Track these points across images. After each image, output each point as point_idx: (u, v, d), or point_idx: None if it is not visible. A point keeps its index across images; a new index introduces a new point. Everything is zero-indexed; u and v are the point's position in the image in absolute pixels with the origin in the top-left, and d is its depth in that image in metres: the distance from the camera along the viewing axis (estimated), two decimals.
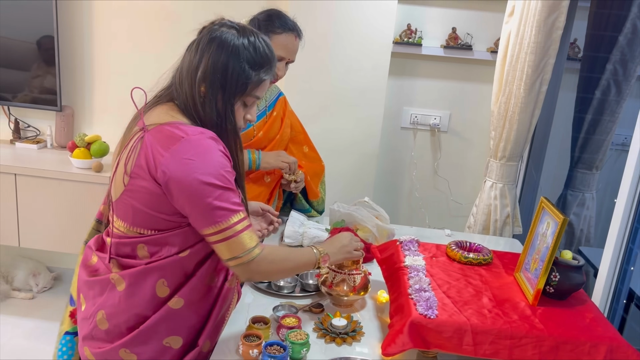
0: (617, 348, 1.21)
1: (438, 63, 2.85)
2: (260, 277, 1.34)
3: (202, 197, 1.17)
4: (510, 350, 1.21)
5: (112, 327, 1.28)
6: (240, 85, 1.24)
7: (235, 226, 1.20)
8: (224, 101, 1.25)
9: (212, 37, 1.24)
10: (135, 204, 1.24)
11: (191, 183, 1.17)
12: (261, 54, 1.27)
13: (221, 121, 1.26)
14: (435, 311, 1.25)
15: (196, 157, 1.18)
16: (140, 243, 1.27)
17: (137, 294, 1.26)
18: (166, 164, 1.17)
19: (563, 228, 1.30)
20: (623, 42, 2.49)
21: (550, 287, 1.37)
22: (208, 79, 1.23)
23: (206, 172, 1.17)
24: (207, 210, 1.18)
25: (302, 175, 2.00)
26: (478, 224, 2.60)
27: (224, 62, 1.22)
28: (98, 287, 1.32)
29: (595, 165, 2.74)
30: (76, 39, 2.89)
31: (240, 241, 1.21)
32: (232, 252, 1.21)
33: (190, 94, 1.25)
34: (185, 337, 1.31)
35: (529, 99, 2.34)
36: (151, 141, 1.20)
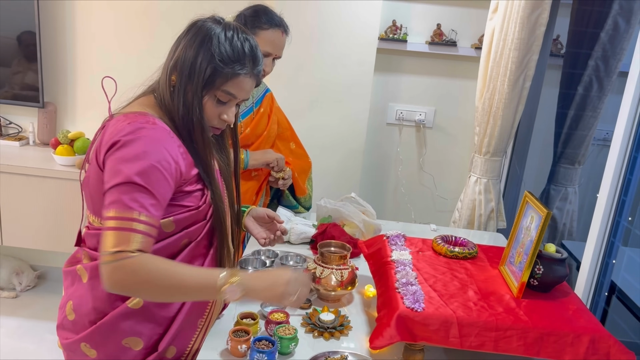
0: (600, 338, 1.23)
1: (423, 59, 2.87)
2: (120, 288, 1.10)
3: (112, 179, 1.11)
4: (496, 342, 1.23)
5: (77, 319, 1.27)
6: (208, 77, 1.19)
7: (127, 222, 1.09)
8: (192, 93, 1.20)
9: (192, 27, 1.23)
10: (91, 192, 1.23)
11: (114, 162, 1.13)
12: (237, 48, 1.21)
13: (189, 115, 1.21)
14: (422, 304, 1.26)
15: (130, 141, 1.13)
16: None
17: (98, 287, 1.21)
18: (106, 146, 1.15)
19: (547, 222, 1.32)
20: (605, 38, 2.53)
21: (534, 280, 1.39)
22: (178, 67, 1.20)
23: (131, 157, 1.12)
24: (111, 193, 1.11)
25: (290, 172, 2.00)
26: (463, 219, 2.62)
27: (195, 50, 1.19)
28: (70, 278, 1.32)
29: (577, 160, 2.78)
30: (58, 34, 2.86)
31: (122, 236, 1.09)
32: (111, 244, 1.08)
33: (163, 84, 1.23)
34: (145, 340, 1.27)
35: (513, 95, 2.37)
36: (107, 128, 1.19)
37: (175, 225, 1.24)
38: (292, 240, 1.96)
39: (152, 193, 1.13)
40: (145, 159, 1.13)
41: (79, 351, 1.27)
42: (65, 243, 2.71)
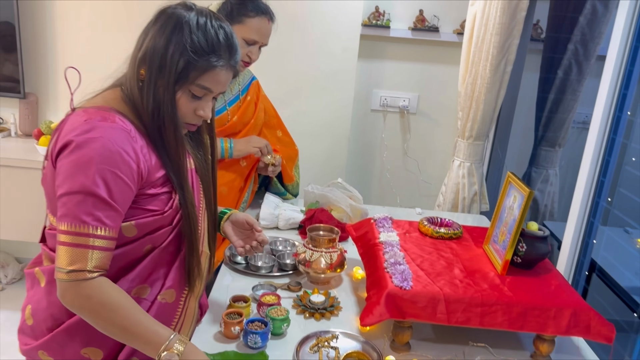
0: (580, 311, 1.28)
1: (406, 45, 2.89)
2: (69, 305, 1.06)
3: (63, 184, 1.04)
4: (482, 317, 1.28)
5: (35, 324, 1.20)
6: (181, 70, 1.09)
7: (82, 237, 1.03)
8: (164, 88, 1.10)
9: (162, 13, 1.13)
10: (49, 191, 1.14)
11: (66, 167, 1.04)
12: (211, 38, 1.11)
13: (159, 111, 1.11)
14: (410, 283, 1.30)
15: (84, 142, 1.04)
16: None
17: (54, 293, 1.11)
18: (60, 143, 1.06)
19: (529, 200, 1.37)
20: (583, 22, 2.58)
21: (517, 257, 1.43)
22: (147, 61, 1.10)
23: (84, 162, 1.03)
24: (63, 201, 1.04)
25: (280, 159, 2.02)
26: (447, 202, 2.67)
27: (165, 40, 1.09)
28: (30, 280, 1.24)
29: (558, 142, 2.84)
30: (37, 24, 2.82)
31: (78, 254, 1.02)
32: (65, 262, 1.02)
33: (131, 78, 1.13)
34: (106, 351, 1.17)
35: (495, 80, 2.41)
36: (65, 124, 1.11)
37: (137, 230, 1.14)
38: (280, 226, 1.98)
39: (109, 203, 1.05)
40: (101, 163, 1.04)
41: (36, 359, 1.19)
42: None
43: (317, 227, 1.69)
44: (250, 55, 1.83)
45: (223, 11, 1.79)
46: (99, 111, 1.09)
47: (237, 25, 1.78)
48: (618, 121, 1.76)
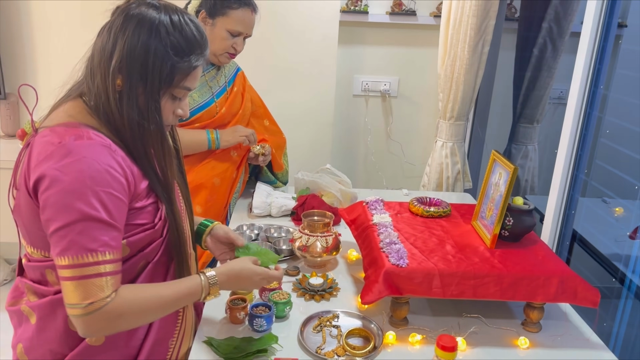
0: (567, 279, 1.36)
1: (384, 30, 2.94)
2: (101, 333, 1.04)
3: (58, 218, 0.97)
4: (475, 289, 1.34)
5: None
6: (166, 76, 1.04)
7: (87, 267, 0.96)
8: (147, 96, 1.04)
9: (127, 17, 1.04)
10: (25, 222, 1.07)
11: (52, 197, 0.97)
12: (189, 36, 1.06)
13: (144, 121, 1.05)
14: (405, 260, 1.36)
15: (67, 167, 0.97)
16: (47, 268, 1.09)
17: (49, 328, 1.09)
18: (35, 172, 0.99)
19: (514, 176, 1.43)
20: (556, 1, 2.65)
21: (505, 231, 1.50)
22: (125, 68, 1.02)
23: (72, 188, 0.96)
24: (60, 236, 0.97)
25: (269, 148, 2.06)
26: (432, 182, 2.74)
27: (143, 46, 1.02)
28: (16, 317, 1.18)
29: (536, 119, 2.92)
30: (14, 24, 2.79)
31: (92, 286, 0.96)
32: (78, 297, 0.96)
33: (103, 89, 1.04)
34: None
35: (473, 60, 2.47)
36: (33, 147, 1.02)
37: (129, 249, 1.09)
38: (273, 213, 2.02)
39: (111, 224, 1.00)
40: (93, 186, 0.98)
41: None
42: None
43: (312, 213, 1.74)
44: (235, 46, 1.86)
45: (205, 5, 1.81)
46: (69, 129, 1.02)
47: (220, 17, 1.81)
48: (594, 96, 1.84)
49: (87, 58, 1.11)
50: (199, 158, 1.92)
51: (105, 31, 1.07)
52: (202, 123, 1.90)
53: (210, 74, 1.94)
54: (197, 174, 1.90)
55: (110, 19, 1.09)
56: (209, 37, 1.80)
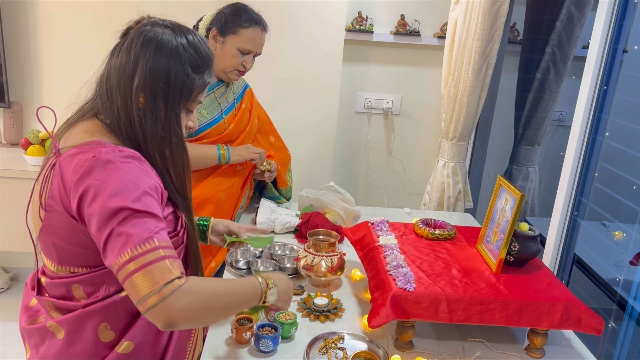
0: (572, 306, 1.37)
1: (388, 49, 2.97)
2: (183, 320, 0.99)
3: (111, 222, 0.99)
4: (481, 315, 1.35)
5: None
6: (186, 92, 1.12)
7: (149, 254, 0.99)
8: (168, 111, 1.11)
9: (146, 38, 1.10)
10: (57, 241, 1.09)
11: (101, 207, 1.00)
12: (203, 55, 1.14)
13: (166, 134, 1.11)
14: (413, 284, 1.37)
15: (108, 177, 1.01)
16: (75, 283, 1.11)
17: (78, 341, 1.11)
18: (76, 191, 1.02)
19: (521, 203, 1.45)
20: (560, 27, 2.69)
21: (510, 256, 1.51)
22: (148, 88, 1.08)
23: (117, 192, 1.00)
24: (115, 236, 0.99)
25: (276, 165, 2.07)
26: (433, 201, 2.76)
27: (165, 67, 1.09)
28: (38, 336, 1.17)
29: (537, 141, 2.95)
30: (21, 33, 2.80)
31: (156, 271, 0.98)
32: (147, 286, 0.97)
33: (123, 107, 1.10)
34: None
35: (477, 83, 2.50)
36: (62, 167, 1.05)
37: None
38: (277, 230, 2.03)
39: (156, 216, 1.04)
40: (134, 189, 1.02)
41: None
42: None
43: (317, 232, 1.75)
44: (244, 64, 1.88)
45: (217, 22, 1.83)
46: (96, 146, 1.06)
47: (231, 35, 1.82)
48: (598, 121, 1.87)
49: (97, 78, 1.16)
50: (206, 173, 1.93)
51: (122, 52, 1.11)
52: (211, 139, 1.91)
53: (219, 91, 1.96)
54: (203, 188, 1.91)
55: (122, 39, 1.14)
56: (219, 54, 1.83)
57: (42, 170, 1.12)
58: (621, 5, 1.79)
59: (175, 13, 1.38)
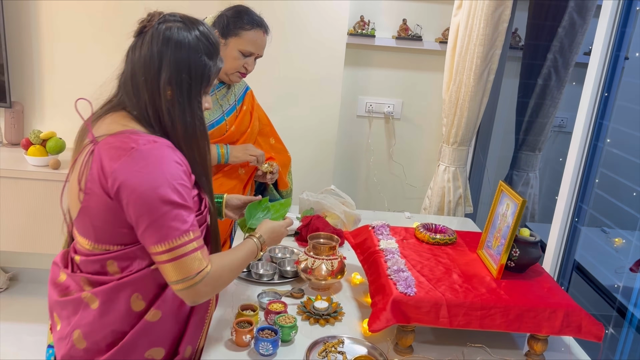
0: (572, 312, 1.37)
1: (390, 53, 2.97)
2: (207, 297, 1.21)
3: (151, 212, 1.12)
4: (481, 320, 1.35)
5: (90, 345, 1.24)
6: (205, 78, 1.23)
7: (184, 247, 1.14)
8: (191, 99, 1.21)
9: (165, 37, 1.18)
10: (95, 222, 1.19)
11: (140, 196, 1.11)
12: (213, 43, 1.25)
13: (193, 121, 1.22)
14: (413, 289, 1.37)
15: (146, 168, 1.12)
16: (109, 259, 1.22)
17: (112, 310, 1.22)
18: (116, 177, 1.12)
19: (523, 209, 1.45)
20: (562, 33, 2.70)
21: (511, 262, 1.51)
22: (174, 82, 1.18)
23: (156, 185, 1.12)
24: (156, 226, 1.12)
25: (277, 166, 2.07)
26: (433, 206, 2.76)
27: (185, 60, 1.19)
28: (71, 307, 1.26)
29: (538, 147, 2.95)
30: (23, 33, 2.81)
31: (189, 263, 1.15)
32: (179, 274, 1.14)
33: (151, 102, 1.19)
34: (167, 347, 1.29)
35: (478, 88, 2.50)
36: (101, 154, 1.15)
37: None
38: None
39: (190, 208, 1.17)
40: (171, 179, 1.14)
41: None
42: (39, 244, 2.69)
43: (318, 235, 1.75)
44: (246, 66, 1.88)
45: (219, 25, 1.84)
46: (133, 136, 1.16)
47: (233, 38, 1.83)
48: (599, 128, 1.87)
49: (118, 76, 1.25)
50: None
51: (143, 51, 1.19)
52: (213, 140, 1.91)
53: (220, 93, 1.96)
54: None
55: (138, 38, 1.22)
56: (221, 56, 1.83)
57: (78, 156, 1.21)
58: (623, 13, 1.79)
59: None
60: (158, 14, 1.23)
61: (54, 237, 2.68)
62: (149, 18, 1.22)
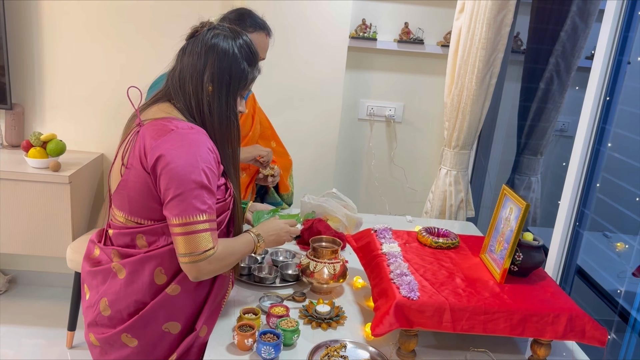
0: (576, 317, 1.36)
1: (392, 56, 2.97)
2: (207, 276, 1.34)
3: (178, 187, 1.25)
4: (485, 325, 1.34)
5: (114, 313, 1.37)
6: (243, 81, 1.38)
7: (198, 225, 1.27)
8: (229, 97, 1.37)
9: (212, 43, 1.35)
10: (131, 194, 1.33)
11: (172, 170, 1.25)
12: (253, 52, 1.41)
13: (228, 115, 1.38)
14: (417, 293, 1.36)
15: (182, 148, 1.26)
16: (139, 233, 1.36)
17: (137, 281, 1.35)
18: (154, 152, 1.26)
19: (526, 213, 1.44)
20: (564, 37, 2.69)
21: (514, 266, 1.51)
22: (216, 80, 1.34)
23: (188, 164, 1.26)
24: (179, 200, 1.26)
25: (278, 169, 2.07)
26: (435, 209, 2.75)
27: (228, 64, 1.35)
28: (101, 276, 1.40)
29: (540, 151, 2.95)
30: (24, 34, 2.80)
31: (198, 240, 1.27)
32: (188, 248, 1.27)
33: (194, 95, 1.35)
34: (183, 322, 1.39)
35: (480, 92, 2.50)
36: (145, 134, 1.30)
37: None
38: None
39: (213, 191, 1.30)
40: (201, 162, 1.28)
41: (118, 342, 1.37)
42: (39, 246, 2.68)
43: (320, 239, 1.74)
44: None
45: None
46: (174, 121, 1.32)
47: None
48: (602, 132, 1.86)
49: (169, 72, 1.41)
50: None
51: (193, 53, 1.36)
52: None
53: None
54: None
55: (189, 41, 1.38)
56: None
57: (125, 137, 1.38)
58: (626, 17, 1.79)
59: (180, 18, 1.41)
60: (209, 23, 1.41)
61: (54, 240, 2.67)
62: (201, 25, 1.39)
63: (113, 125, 2.87)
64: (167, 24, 2.74)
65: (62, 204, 2.63)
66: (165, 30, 2.74)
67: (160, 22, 2.76)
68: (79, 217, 2.76)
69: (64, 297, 3.02)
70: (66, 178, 2.60)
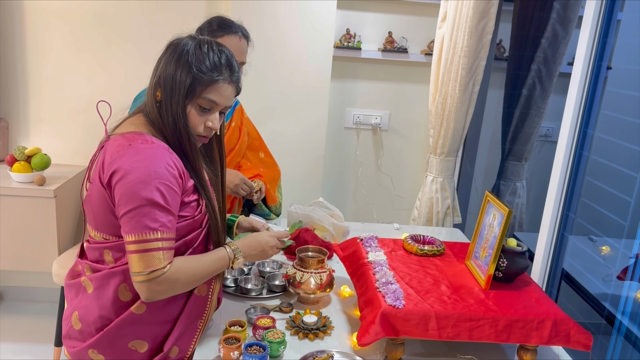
0: (560, 322, 1.37)
1: (377, 65, 2.99)
2: (160, 297, 1.26)
3: (129, 203, 1.21)
4: (470, 332, 1.35)
5: (84, 327, 1.35)
6: (189, 86, 1.27)
7: (150, 243, 1.21)
8: (176, 103, 1.28)
9: (170, 46, 1.32)
10: (94, 209, 1.31)
11: (125, 185, 1.21)
12: (212, 59, 1.29)
13: (177, 124, 1.29)
14: (402, 301, 1.36)
15: (136, 163, 1.22)
16: (106, 248, 1.33)
17: (103, 296, 1.32)
18: (110, 166, 1.24)
19: (509, 219, 1.45)
20: (545, 44, 2.73)
21: (499, 272, 1.52)
22: (162, 83, 1.29)
23: (139, 180, 1.21)
24: (130, 216, 1.21)
25: (263, 185, 2.06)
26: (422, 216, 2.76)
27: (174, 65, 1.28)
28: (74, 290, 1.40)
29: (524, 157, 2.97)
30: (7, 48, 2.79)
31: (149, 259, 1.21)
32: (138, 267, 1.21)
33: (150, 101, 1.32)
34: (150, 342, 1.35)
35: (464, 99, 2.52)
36: (107, 148, 1.29)
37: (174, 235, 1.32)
38: None
39: (168, 209, 1.24)
40: (155, 179, 1.22)
41: (86, 358, 1.35)
42: (24, 262, 2.65)
43: (306, 249, 1.74)
44: None
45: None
46: (136, 135, 1.28)
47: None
48: (584, 137, 1.88)
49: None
50: None
51: (156, 63, 1.34)
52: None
53: None
54: None
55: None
56: None
57: (95, 152, 1.37)
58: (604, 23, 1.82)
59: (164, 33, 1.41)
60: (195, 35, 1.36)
61: (40, 255, 2.65)
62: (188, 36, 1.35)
63: (97, 138, 2.79)
64: (150, 39, 2.74)
65: (48, 219, 2.61)
66: (148, 44, 2.74)
67: (144, 36, 2.76)
68: (65, 231, 2.74)
69: (50, 313, 2.98)
70: (51, 192, 2.58)
